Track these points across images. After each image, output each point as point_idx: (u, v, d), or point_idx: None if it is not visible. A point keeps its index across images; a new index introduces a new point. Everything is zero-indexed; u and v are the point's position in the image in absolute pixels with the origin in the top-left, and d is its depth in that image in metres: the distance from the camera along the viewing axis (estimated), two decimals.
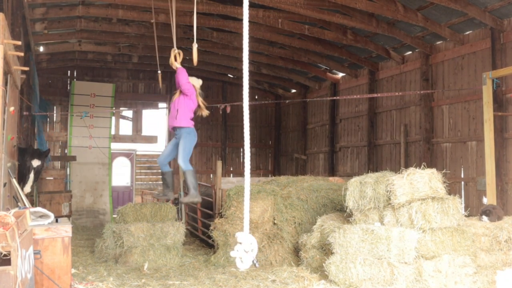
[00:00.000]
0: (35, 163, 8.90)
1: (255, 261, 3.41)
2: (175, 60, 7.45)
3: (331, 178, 11.73)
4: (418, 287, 6.46)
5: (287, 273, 7.73)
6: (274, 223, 9.42)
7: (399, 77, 13.31)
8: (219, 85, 19.38)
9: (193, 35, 7.23)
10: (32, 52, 12.29)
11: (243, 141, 3.28)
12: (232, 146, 19.49)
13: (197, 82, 7.83)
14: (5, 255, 3.59)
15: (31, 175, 8.82)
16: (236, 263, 3.36)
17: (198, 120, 18.86)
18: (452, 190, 10.56)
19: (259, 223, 9.23)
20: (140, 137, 18.52)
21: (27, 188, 8.83)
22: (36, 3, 10.61)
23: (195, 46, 7.11)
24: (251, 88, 19.05)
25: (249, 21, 3.27)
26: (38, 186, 13.17)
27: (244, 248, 3.31)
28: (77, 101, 16.66)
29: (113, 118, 17.67)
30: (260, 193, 9.40)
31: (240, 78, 18.07)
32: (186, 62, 15.98)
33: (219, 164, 11.43)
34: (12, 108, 5.93)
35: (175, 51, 7.47)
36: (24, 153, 8.96)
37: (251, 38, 13.23)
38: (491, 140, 9.06)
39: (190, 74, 7.61)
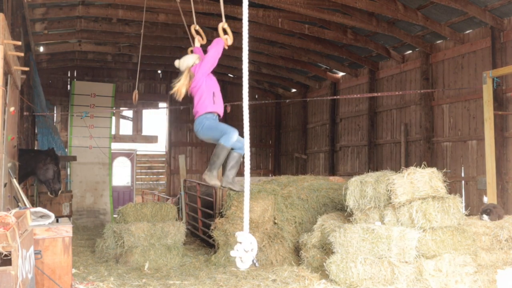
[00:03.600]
0: (54, 167, 9.04)
1: (255, 261, 3.40)
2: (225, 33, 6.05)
3: (331, 178, 11.73)
4: (418, 286, 6.46)
5: (287, 273, 7.72)
6: (275, 223, 9.42)
7: (399, 76, 13.31)
8: (219, 85, 19.35)
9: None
10: (32, 52, 12.29)
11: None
12: None
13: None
14: (5, 255, 3.59)
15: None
16: (236, 263, 3.35)
17: None
18: (452, 189, 10.56)
19: (259, 222, 9.23)
20: (140, 137, 18.53)
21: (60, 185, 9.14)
22: (36, 3, 10.61)
23: (224, 25, 5.90)
24: (251, 87, 19.05)
25: (249, 21, 3.26)
26: (39, 186, 13.16)
27: (244, 247, 3.30)
28: (77, 101, 16.66)
29: (113, 118, 17.68)
30: (261, 192, 9.40)
31: (240, 77, 18.04)
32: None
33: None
34: (12, 109, 5.93)
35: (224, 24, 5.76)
36: (42, 156, 9.02)
37: (251, 37, 13.23)
38: (492, 139, 9.06)
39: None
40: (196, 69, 6.07)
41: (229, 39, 6.09)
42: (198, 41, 6.59)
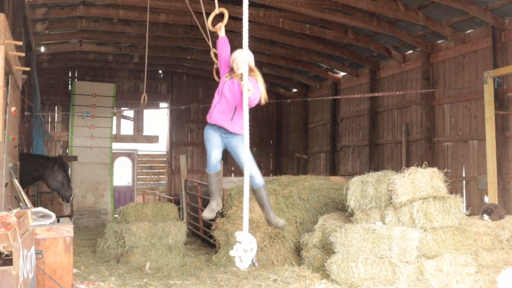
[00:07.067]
0: (63, 173, 9.19)
1: (254, 261, 3.41)
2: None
3: (332, 178, 11.73)
4: (419, 286, 6.46)
5: (288, 273, 7.72)
6: None
7: (400, 76, 13.30)
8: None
9: (194, 35, 7.10)
10: (33, 53, 12.29)
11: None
12: None
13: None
14: (7, 255, 3.59)
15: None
16: (236, 263, 3.36)
17: (198, 120, 19.04)
18: (453, 189, 10.55)
19: (260, 222, 9.23)
20: (141, 137, 18.52)
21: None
22: (37, 4, 10.62)
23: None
24: None
25: (250, 21, 3.27)
26: (40, 186, 13.16)
27: (244, 247, 3.30)
28: (78, 101, 16.67)
29: (114, 118, 17.68)
30: None
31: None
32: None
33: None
34: (13, 109, 5.94)
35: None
36: (50, 163, 9.09)
37: (252, 37, 13.23)
38: (493, 139, 9.05)
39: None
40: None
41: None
42: (222, 31, 5.42)
